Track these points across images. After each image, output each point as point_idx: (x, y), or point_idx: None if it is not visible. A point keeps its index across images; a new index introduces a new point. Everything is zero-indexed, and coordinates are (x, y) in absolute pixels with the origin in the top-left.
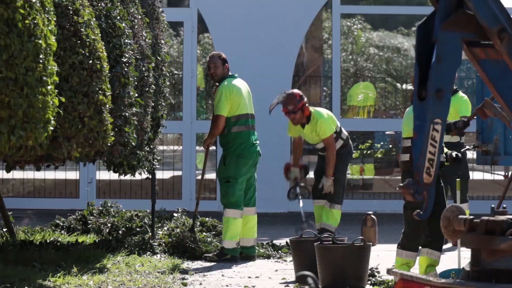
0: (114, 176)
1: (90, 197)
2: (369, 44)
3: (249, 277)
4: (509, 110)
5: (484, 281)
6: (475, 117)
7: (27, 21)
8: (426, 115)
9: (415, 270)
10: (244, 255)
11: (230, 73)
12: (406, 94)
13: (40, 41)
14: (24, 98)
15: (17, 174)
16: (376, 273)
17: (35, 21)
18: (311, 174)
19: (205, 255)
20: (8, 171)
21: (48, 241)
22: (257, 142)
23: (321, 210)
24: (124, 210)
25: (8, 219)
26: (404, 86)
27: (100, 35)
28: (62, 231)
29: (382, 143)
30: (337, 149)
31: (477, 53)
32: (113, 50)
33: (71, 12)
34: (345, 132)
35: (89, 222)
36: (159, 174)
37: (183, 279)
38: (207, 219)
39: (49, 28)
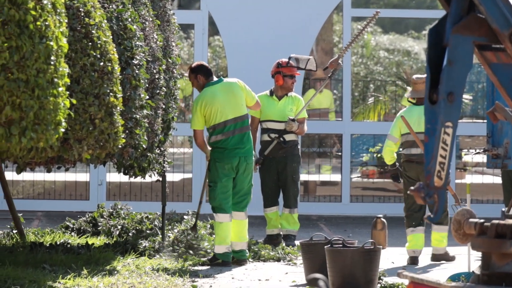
0: (124, 178)
1: (100, 199)
2: (379, 48)
3: (259, 280)
4: None
5: (494, 284)
6: None
7: (38, 23)
8: (437, 119)
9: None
10: (235, 259)
11: (214, 78)
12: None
13: (51, 43)
14: (35, 100)
15: (27, 176)
16: (382, 277)
17: (47, 23)
18: None
19: (202, 259)
20: (18, 172)
21: (58, 243)
22: (243, 146)
23: (277, 215)
24: (134, 212)
25: (18, 221)
26: None
27: (111, 37)
28: (72, 233)
29: None
30: (294, 149)
31: (488, 57)
32: (124, 52)
33: (82, 14)
34: None
35: (99, 224)
36: (170, 177)
37: (193, 281)
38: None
39: (61, 30)
